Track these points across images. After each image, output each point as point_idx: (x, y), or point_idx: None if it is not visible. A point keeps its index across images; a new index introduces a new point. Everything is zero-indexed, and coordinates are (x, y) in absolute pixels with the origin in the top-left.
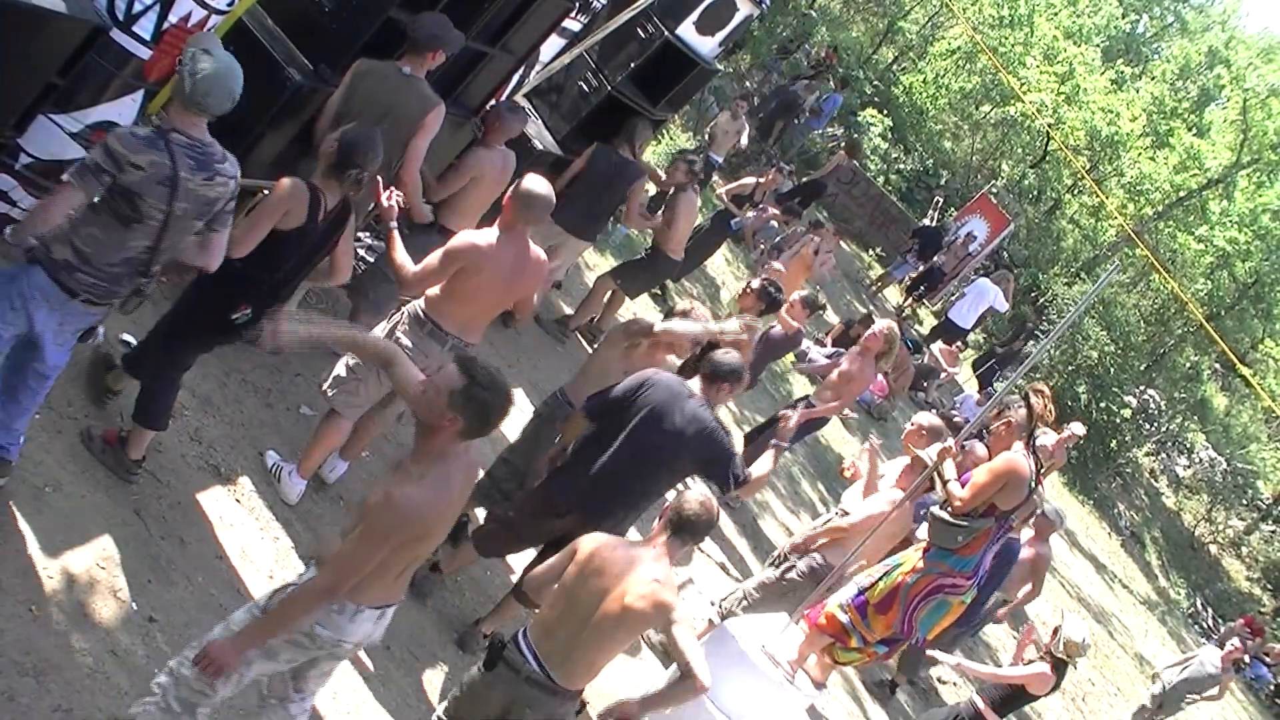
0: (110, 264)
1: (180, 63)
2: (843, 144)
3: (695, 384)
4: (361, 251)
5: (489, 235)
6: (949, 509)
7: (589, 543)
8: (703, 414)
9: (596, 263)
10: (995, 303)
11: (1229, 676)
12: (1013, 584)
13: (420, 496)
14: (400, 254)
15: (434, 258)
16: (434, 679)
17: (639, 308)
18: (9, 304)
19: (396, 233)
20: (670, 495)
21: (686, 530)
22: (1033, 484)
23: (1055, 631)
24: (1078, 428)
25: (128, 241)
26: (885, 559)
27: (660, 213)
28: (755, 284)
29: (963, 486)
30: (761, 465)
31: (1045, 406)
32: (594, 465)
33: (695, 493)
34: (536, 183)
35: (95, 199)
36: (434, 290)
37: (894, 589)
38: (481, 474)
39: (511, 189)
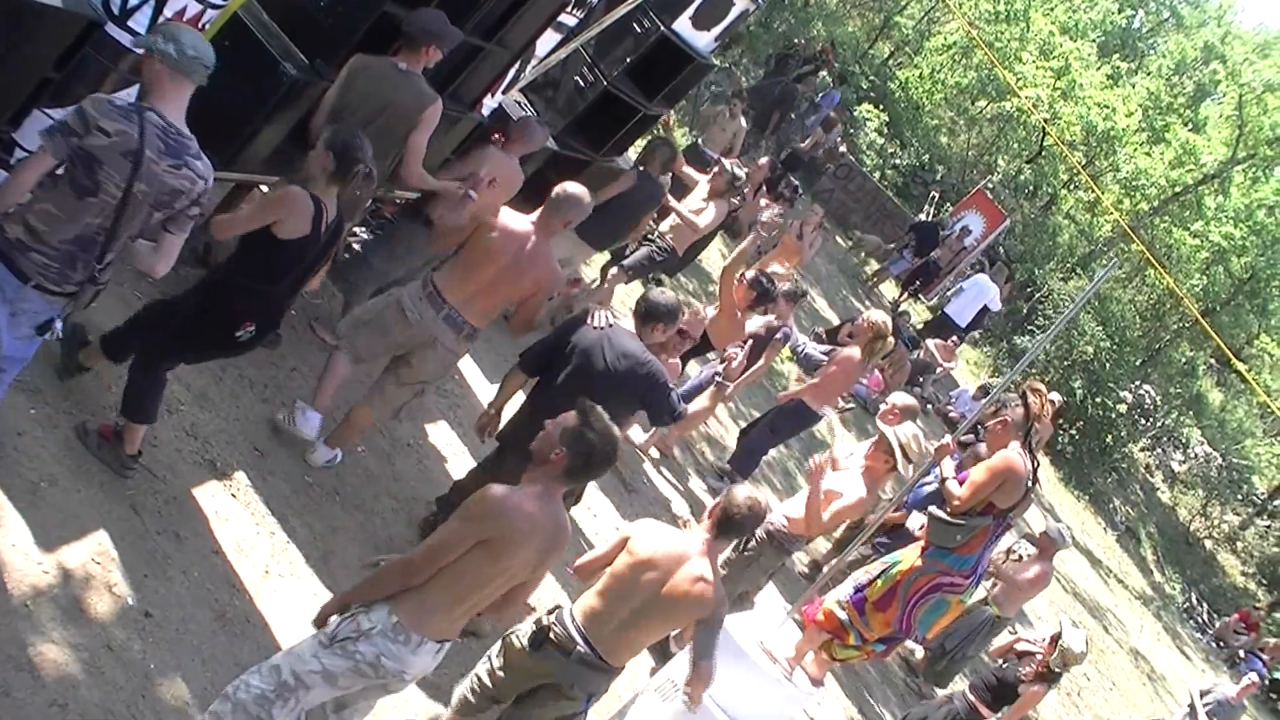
0: (63, 240)
1: (158, 54)
2: (819, 123)
3: (629, 323)
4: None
5: (516, 216)
6: (947, 508)
7: (640, 534)
8: (632, 347)
9: (597, 259)
10: (991, 303)
11: (1241, 710)
12: (1011, 601)
13: (511, 498)
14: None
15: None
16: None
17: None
18: None
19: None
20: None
21: (732, 529)
22: (1030, 482)
23: (1054, 641)
24: (1054, 396)
25: (82, 216)
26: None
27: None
28: (750, 274)
29: (960, 485)
30: (699, 401)
31: (1042, 405)
32: (543, 412)
33: (742, 491)
34: (577, 187)
35: (57, 170)
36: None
37: (893, 587)
38: None
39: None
